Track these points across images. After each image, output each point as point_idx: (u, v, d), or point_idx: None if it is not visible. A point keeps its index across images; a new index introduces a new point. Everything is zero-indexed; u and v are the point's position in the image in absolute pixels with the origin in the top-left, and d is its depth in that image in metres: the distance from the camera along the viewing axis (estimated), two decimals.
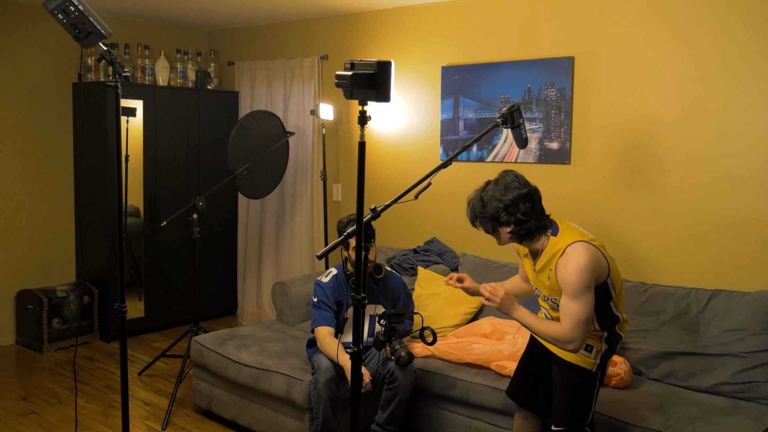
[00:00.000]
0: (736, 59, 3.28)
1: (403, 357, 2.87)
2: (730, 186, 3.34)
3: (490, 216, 2.46)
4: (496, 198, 2.43)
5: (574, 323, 2.34)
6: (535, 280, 2.59)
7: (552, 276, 2.44)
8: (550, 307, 2.56)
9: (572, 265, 2.34)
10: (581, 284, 2.32)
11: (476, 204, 2.51)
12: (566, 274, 2.35)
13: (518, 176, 2.49)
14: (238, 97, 5.58)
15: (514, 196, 2.42)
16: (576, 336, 2.34)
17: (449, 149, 4.33)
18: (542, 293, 2.57)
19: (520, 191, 2.43)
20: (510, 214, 2.42)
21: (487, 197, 2.47)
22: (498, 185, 2.46)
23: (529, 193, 2.45)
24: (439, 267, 4.10)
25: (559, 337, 2.38)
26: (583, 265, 2.33)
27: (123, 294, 2.59)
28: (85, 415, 3.74)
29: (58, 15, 2.34)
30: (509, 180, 2.46)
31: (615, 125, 3.69)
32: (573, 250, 2.37)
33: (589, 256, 2.35)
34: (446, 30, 4.34)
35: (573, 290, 2.33)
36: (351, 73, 1.98)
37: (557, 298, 2.47)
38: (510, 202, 2.42)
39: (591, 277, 2.34)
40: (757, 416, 2.80)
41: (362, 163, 2.06)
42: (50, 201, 5.07)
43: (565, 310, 2.36)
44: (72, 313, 4.88)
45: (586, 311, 2.33)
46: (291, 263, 5.28)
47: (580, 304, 2.33)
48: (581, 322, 2.33)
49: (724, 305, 3.15)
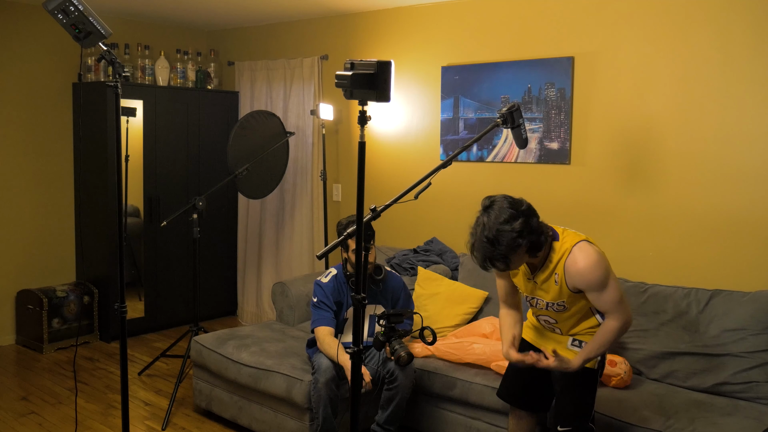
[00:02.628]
0: (736, 59, 3.28)
1: (402, 357, 2.87)
2: (730, 186, 3.34)
3: (506, 248, 2.30)
4: (506, 231, 2.29)
5: (616, 308, 2.41)
6: (533, 290, 2.57)
7: (561, 279, 2.44)
8: (555, 311, 2.55)
9: (584, 262, 2.38)
10: (602, 275, 2.39)
11: (485, 247, 2.33)
12: (583, 273, 2.39)
13: (505, 197, 2.39)
14: (238, 97, 5.58)
15: (521, 219, 2.31)
16: (626, 316, 2.42)
17: (449, 149, 4.33)
18: (543, 301, 2.55)
19: (521, 208, 2.35)
20: (523, 237, 2.31)
21: (492, 234, 2.30)
22: (494, 217, 2.32)
23: (528, 206, 2.40)
24: (439, 267, 4.10)
25: (616, 332, 2.43)
26: (595, 258, 2.39)
27: (123, 294, 2.59)
28: (85, 415, 3.74)
29: (58, 15, 2.34)
30: (500, 206, 2.34)
31: (615, 125, 3.69)
32: (579, 249, 2.41)
33: (595, 250, 2.42)
34: (446, 30, 4.34)
35: (598, 283, 2.40)
36: (351, 73, 1.98)
37: (565, 301, 2.48)
38: (521, 226, 2.31)
39: (607, 266, 2.42)
40: (757, 416, 2.80)
41: (362, 163, 2.06)
42: (50, 201, 5.07)
43: (601, 302, 2.42)
44: (72, 313, 4.88)
45: (618, 292, 2.41)
46: (291, 263, 5.28)
47: (611, 290, 2.40)
48: (621, 303, 2.41)
49: (724, 305, 3.15)
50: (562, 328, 2.62)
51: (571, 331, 2.61)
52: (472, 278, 3.93)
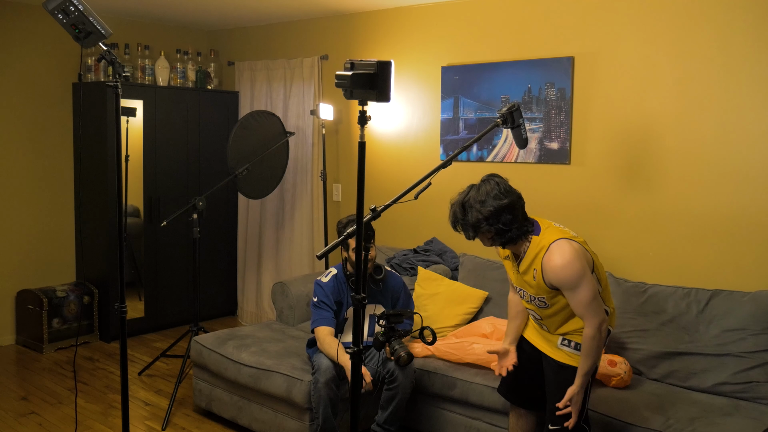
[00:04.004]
0: (736, 59, 3.28)
1: (402, 357, 2.87)
2: (730, 186, 3.34)
3: (470, 224, 2.44)
4: (476, 209, 2.41)
5: (587, 309, 2.40)
6: (519, 281, 2.59)
7: (538, 275, 2.46)
8: (537, 306, 2.57)
9: (559, 261, 2.38)
10: (575, 275, 2.38)
11: (457, 210, 2.48)
12: (556, 271, 2.39)
13: (500, 183, 2.45)
14: (238, 97, 5.58)
15: (494, 207, 2.39)
16: (596, 317, 2.40)
17: (449, 149, 4.33)
18: (528, 294, 2.57)
19: (500, 202, 2.40)
20: (490, 225, 2.41)
21: (468, 204, 2.44)
22: (479, 193, 2.43)
23: (510, 203, 2.42)
24: (439, 267, 4.10)
25: (592, 335, 2.41)
26: (569, 257, 2.38)
27: (123, 294, 2.59)
28: (85, 415, 3.74)
29: (58, 15, 2.34)
30: (490, 188, 2.43)
31: (615, 125, 3.69)
32: (557, 246, 2.41)
33: (573, 249, 2.40)
34: (446, 30, 4.34)
35: (570, 283, 2.39)
36: (351, 73, 1.98)
37: (544, 297, 2.50)
38: (489, 213, 2.39)
39: (582, 266, 2.39)
40: (757, 416, 2.80)
41: (362, 163, 2.06)
42: (50, 201, 5.07)
43: (573, 302, 2.43)
44: (72, 313, 4.88)
45: (590, 292, 2.40)
46: (291, 263, 5.28)
47: (582, 290, 2.39)
48: (591, 302, 2.40)
49: (724, 305, 3.15)
50: (548, 326, 2.62)
51: (558, 330, 2.60)
52: (472, 278, 3.93)
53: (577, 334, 2.54)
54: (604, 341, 2.48)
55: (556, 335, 2.61)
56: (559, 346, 2.60)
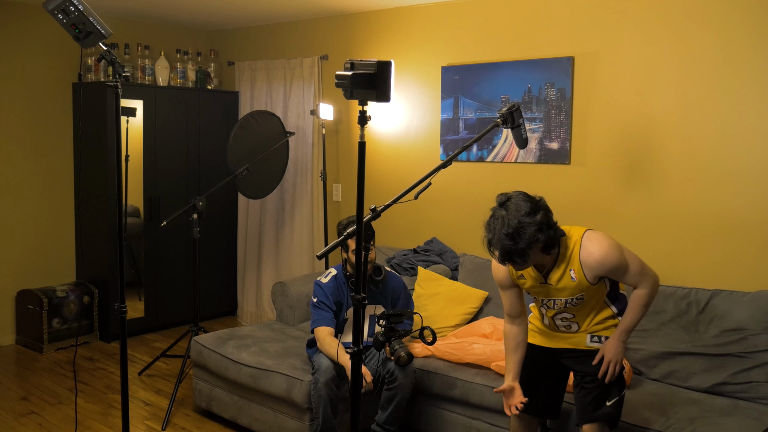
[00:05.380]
0: (736, 59, 3.28)
1: (402, 357, 2.87)
2: (730, 186, 3.34)
3: (525, 245, 2.27)
4: (527, 222, 2.28)
5: (642, 275, 2.47)
6: (546, 293, 2.53)
7: (578, 274, 2.42)
8: (573, 305, 2.52)
9: (599, 250, 2.41)
10: (619, 256, 2.42)
11: (504, 242, 2.29)
12: (600, 261, 2.41)
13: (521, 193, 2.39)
14: (238, 97, 5.58)
15: (542, 211, 2.33)
16: (652, 279, 2.49)
17: (449, 149, 4.33)
18: (561, 300, 2.50)
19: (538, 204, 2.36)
20: (543, 232, 2.31)
21: (513, 228, 2.27)
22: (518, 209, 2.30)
23: (544, 203, 2.40)
24: (439, 267, 4.10)
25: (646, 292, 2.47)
26: (606, 243, 2.42)
27: (123, 294, 2.59)
28: (85, 415, 3.74)
29: (58, 15, 2.34)
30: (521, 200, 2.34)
31: (615, 125, 3.69)
32: (588, 239, 2.44)
33: (603, 235, 2.46)
34: (446, 30, 4.34)
35: (618, 265, 2.43)
36: (351, 73, 1.98)
37: (584, 294, 2.48)
38: (542, 218, 2.31)
39: (618, 245, 2.45)
40: (757, 416, 2.80)
41: (362, 163, 2.06)
42: (50, 201, 5.07)
43: (628, 279, 2.47)
44: (72, 313, 4.88)
45: (637, 263, 2.47)
46: (291, 263, 5.28)
47: (632, 265, 2.45)
48: (643, 269, 2.47)
49: (724, 305, 3.15)
50: (580, 322, 2.57)
51: (588, 328, 2.56)
52: (472, 278, 3.93)
53: (607, 324, 2.56)
54: (651, 302, 2.52)
55: (582, 334, 2.58)
56: (588, 343, 2.57)
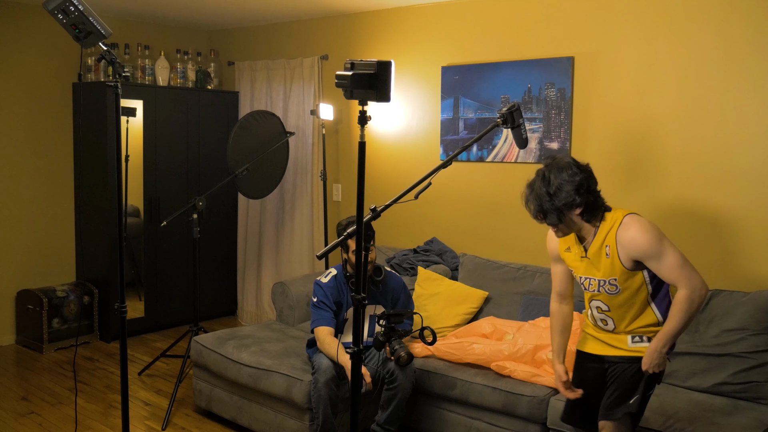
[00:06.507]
0: (736, 59, 3.28)
1: (402, 357, 2.87)
2: (730, 186, 3.34)
3: (561, 204, 2.36)
4: (567, 181, 2.35)
5: (680, 272, 2.31)
6: (585, 270, 2.49)
7: (612, 251, 2.39)
8: (607, 292, 2.45)
9: (636, 227, 2.36)
10: (655, 237, 2.33)
11: (543, 198, 2.38)
12: (636, 239, 2.34)
13: (569, 156, 2.48)
14: (238, 97, 5.58)
15: (584, 175, 2.38)
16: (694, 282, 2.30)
17: (449, 149, 4.33)
18: (595, 281, 2.46)
19: (583, 168, 2.40)
20: (581, 194, 2.37)
21: (553, 184, 2.37)
22: (561, 171, 2.38)
23: (590, 170, 2.44)
24: (439, 267, 4.10)
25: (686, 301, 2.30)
26: (647, 224, 2.37)
27: (123, 294, 2.59)
28: (85, 415, 3.74)
29: (58, 15, 2.34)
30: (567, 162, 2.41)
31: (615, 125, 3.69)
32: (631, 218, 2.40)
33: (647, 219, 2.40)
34: (446, 30, 4.34)
35: (652, 247, 2.33)
36: (351, 73, 1.98)
37: (617, 279, 2.41)
38: (582, 179, 2.37)
39: (659, 232, 2.35)
40: (757, 416, 2.80)
41: (362, 163, 2.06)
42: (50, 201, 5.07)
43: (664, 271, 2.34)
44: (72, 313, 4.88)
45: (678, 254, 2.33)
46: (291, 263, 5.28)
47: (669, 254, 2.32)
48: (683, 265, 2.32)
49: (724, 305, 3.15)
50: (615, 320, 2.49)
51: (627, 327, 2.48)
52: (472, 278, 3.93)
53: (650, 331, 2.44)
54: (695, 310, 2.33)
55: (623, 334, 2.49)
56: (630, 344, 2.48)
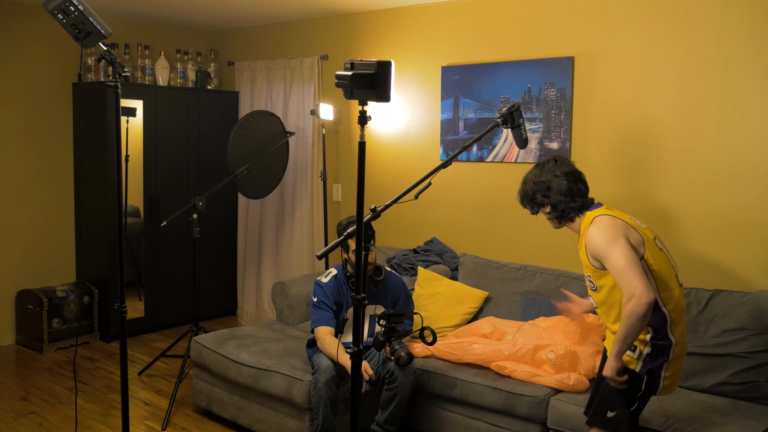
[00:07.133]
0: (736, 59, 3.28)
1: (402, 357, 2.87)
2: (729, 186, 3.34)
3: (529, 197, 2.60)
4: (532, 180, 2.59)
5: (621, 277, 2.28)
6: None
7: (581, 246, 2.48)
8: (591, 289, 2.53)
9: (594, 228, 2.42)
10: (604, 241, 2.35)
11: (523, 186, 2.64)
12: (590, 239, 2.42)
13: (558, 160, 2.61)
14: (238, 97, 5.58)
15: (547, 178, 2.54)
16: (633, 287, 2.23)
17: (449, 149, 4.33)
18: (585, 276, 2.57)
19: (554, 173, 2.54)
20: (544, 196, 2.55)
21: (528, 179, 2.62)
22: (539, 169, 2.60)
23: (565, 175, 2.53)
24: (439, 267, 4.10)
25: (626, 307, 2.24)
26: (604, 227, 2.39)
27: (123, 294, 2.59)
28: (85, 415, 3.74)
29: (58, 15, 2.34)
30: (547, 163, 2.60)
31: (615, 125, 3.69)
32: (599, 219, 2.44)
33: (611, 220, 2.41)
34: (446, 30, 4.34)
35: (600, 249, 2.37)
36: (351, 73, 1.98)
37: (591, 276, 2.49)
38: (542, 184, 2.55)
39: (613, 233, 2.35)
40: (757, 416, 2.80)
41: (362, 163, 2.06)
42: (50, 201, 5.07)
43: (611, 272, 2.33)
44: (72, 313, 4.88)
45: (623, 259, 2.28)
46: (291, 263, 5.28)
47: (614, 258, 2.31)
48: (625, 271, 2.27)
49: (724, 305, 3.15)
50: (603, 319, 2.54)
51: (613, 328, 2.47)
52: (472, 278, 3.93)
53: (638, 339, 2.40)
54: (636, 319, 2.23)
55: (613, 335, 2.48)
56: None
